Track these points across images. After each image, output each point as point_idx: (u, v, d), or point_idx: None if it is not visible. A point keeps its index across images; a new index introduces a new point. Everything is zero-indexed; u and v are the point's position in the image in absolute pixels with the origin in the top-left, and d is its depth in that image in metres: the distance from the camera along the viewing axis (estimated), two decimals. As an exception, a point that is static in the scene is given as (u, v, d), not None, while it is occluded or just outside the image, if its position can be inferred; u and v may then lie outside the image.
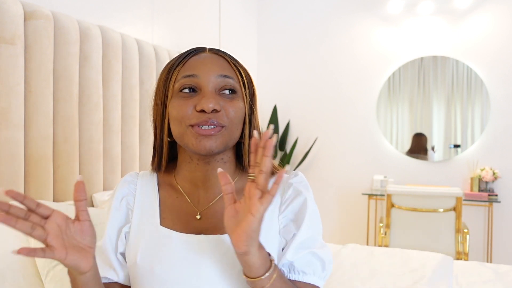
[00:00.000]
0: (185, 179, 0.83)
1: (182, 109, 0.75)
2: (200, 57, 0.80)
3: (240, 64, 0.82)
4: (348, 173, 3.73)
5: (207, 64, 0.78)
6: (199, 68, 0.77)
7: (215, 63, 0.78)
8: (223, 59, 0.80)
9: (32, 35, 1.53)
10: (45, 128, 1.58)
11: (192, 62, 0.79)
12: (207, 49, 0.82)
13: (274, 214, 0.80)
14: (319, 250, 0.78)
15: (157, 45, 2.33)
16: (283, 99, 3.91)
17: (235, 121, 0.77)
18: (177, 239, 0.77)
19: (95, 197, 1.79)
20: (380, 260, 1.78)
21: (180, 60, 0.80)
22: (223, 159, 0.81)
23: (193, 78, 0.76)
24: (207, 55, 0.80)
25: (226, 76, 0.77)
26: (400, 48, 3.54)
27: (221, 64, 0.79)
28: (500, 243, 3.31)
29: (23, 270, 1.17)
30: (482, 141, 3.36)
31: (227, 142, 0.77)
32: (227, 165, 0.82)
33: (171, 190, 0.85)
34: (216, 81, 0.77)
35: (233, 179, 0.83)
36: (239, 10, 3.60)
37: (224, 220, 0.66)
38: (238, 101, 0.78)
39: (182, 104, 0.76)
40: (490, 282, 1.56)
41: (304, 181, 0.84)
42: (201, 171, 0.81)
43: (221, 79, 0.77)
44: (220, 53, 0.81)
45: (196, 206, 0.82)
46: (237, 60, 0.83)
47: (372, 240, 3.65)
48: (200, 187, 0.82)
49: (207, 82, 0.76)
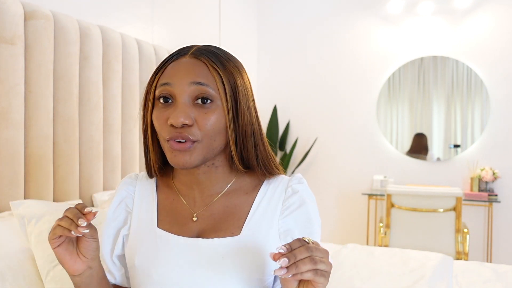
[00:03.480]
0: (181, 182, 0.83)
1: (159, 121, 0.74)
2: (178, 63, 0.75)
3: (224, 66, 0.76)
4: (348, 173, 3.73)
5: (181, 71, 0.74)
6: (174, 75, 0.74)
7: (190, 70, 0.74)
8: (202, 63, 0.75)
9: (32, 35, 1.53)
10: (45, 128, 1.58)
11: (169, 69, 0.75)
12: (190, 52, 0.77)
13: (275, 216, 0.80)
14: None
15: (157, 45, 2.33)
16: (283, 99, 3.91)
17: (210, 133, 0.73)
18: (174, 242, 0.77)
19: (95, 197, 1.79)
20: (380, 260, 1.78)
21: (162, 65, 0.77)
22: (214, 164, 0.80)
23: (167, 86, 0.74)
24: (185, 60, 0.75)
25: (200, 83, 0.72)
26: (400, 48, 3.54)
27: (197, 71, 0.74)
28: (500, 243, 3.31)
29: (23, 270, 1.17)
30: (482, 141, 3.36)
31: (204, 155, 0.74)
32: (219, 169, 0.81)
33: (168, 192, 0.85)
34: (189, 90, 0.72)
35: (228, 182, 0.82)
36: (239, 10, 3.60)
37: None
38: (215, 112, 0.73)
39: (159, 116, 0.74)
40: (490, 282, 1.56)
41: (308, 191, 0.84)
42: (193, 175, 0.80)
43: (195, 87, 0.72)
44: (201, 57, 0.75)
45: (192, 208, 0.81)
46: (223, 61, 0.76)
47: (372, 240, 3.65)
48: (195, 189, 0.82)
49: (180, 91, 0.72)
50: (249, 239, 0.76)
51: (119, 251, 0.82)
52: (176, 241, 0.77)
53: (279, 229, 0.79)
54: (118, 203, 0.85)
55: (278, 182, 0.84)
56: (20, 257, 1.20)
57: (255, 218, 0.79)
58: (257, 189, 0.83)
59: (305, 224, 0.80)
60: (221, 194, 0.82)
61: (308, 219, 0.80)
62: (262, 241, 0.77)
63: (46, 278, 1.15)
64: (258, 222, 0.79)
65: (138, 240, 0.80)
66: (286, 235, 0.79)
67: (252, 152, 0.80)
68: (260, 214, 0.79)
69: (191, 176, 0.81)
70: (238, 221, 0.79)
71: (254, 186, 0.83)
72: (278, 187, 0.83)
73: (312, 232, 0.80)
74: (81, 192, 1.79)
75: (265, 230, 0.78)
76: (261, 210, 0.80)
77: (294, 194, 0.81)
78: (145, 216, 0.82)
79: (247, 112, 0.77)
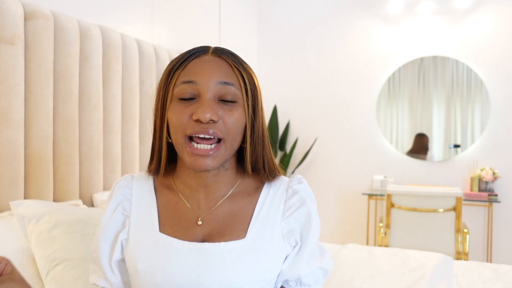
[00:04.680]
0: (184, 184, 0.81)
1: (179, 116, 0.73)
2: (201, 60, 0.75)
3: (244, 67, 0.77)
4: (348, 173, 3.73)
5: (207, 69, 0.74)
6: (199, 73, 0.73)
7: (215, 69, 0.74)
8: (226, 62, 0.76)
9: (32, 35, 1.53)
10: (45, 128, 1.58)
11: (192, 67, 0.75)
12: (211, 51, 0.77)
13: (277, 217, 0.80)
14: (324, 263, 0.80)
15: (157, 45, 2.33)
16: (283, 99, 3.91)
17: (233, 132, 0.74)
18: (179, 247, 0.75)
19: (95, 197, 1.79)
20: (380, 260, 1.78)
21: (181, 63, 0.76)
22: (224, 167, 0.79)
23: (192, 84, 0.73)
24: (208, 58, 0.76)
25: (226, 83, 0.73)
26: (400, 48, 3.54)
27: (223, 69, 0.74)
28: (500, 243, 3.31)
29: (23, 270, 1.17)
30: (482, 141, 3.36)
31: (226, 157, 0.74)
32: (228, 172, 0.81)
33: (169, 195, 0.82)
34: (215, 88, 0.73)
35: (234, 184, 0.82)
36: (239, 10, 3.60)
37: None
38: (238, 110, 0.74)
39: (179, 112, 0.73)
40: (490, 282, 1.56)
41: (308, 190, 0.83)
42: (200, 177, 0.79)
43: (221, 86, 0.73)
44: (223, 56, 0.76)
45: (196, 212, 0.79)
46: (241, 62, 0.78)
47: (372, 240, 3.65)
48: (200, 192, 0.80)
49: (206, 89, 0.72)
50: (255, 242, 0.76)
51: (119, 255, 0.80)
52: (181, 246, 0.75)
53: (282, 230, 0.79)
54: (115, 207, 0.82)
55: (279, 184, 0.84)
56: (20, 257, 1.20)
57: (259, 221, 0.79)
58: (259, 190, 0.83)
59: (306, 222, 0.80)
60: (226, 197, 0.81)
61: (309, 218, 0.80)
62: (267, 243, 0.77)
63: (46, 278, 1.14)
64: (262, 224, 0.78)
65: (139, 244, 0.77)
66: (289, 236, 0.79)
67: (260, 154, 0.80)
68: (263, 216, 0.79)
69: (199, 179, 0.79)
70: (242, 224, 0.78)
71: (256, 188, 0.83)
72: (279, 189, 0.83)
73: (311, 231, 0.80)
74: (81, 192, 1.79)
75: (269, 232, 0.78)
76: (264, 212, 0.80)
77: (295, 194, 0.81)
78: (145, 219, 0.80)
79: (261, 114, 0.79)
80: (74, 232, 1.19)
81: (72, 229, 1.20)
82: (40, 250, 1.18)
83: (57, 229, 1.19)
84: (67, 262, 1.12)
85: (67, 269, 1.11)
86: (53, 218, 1.23)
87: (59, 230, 1.19)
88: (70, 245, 1.16)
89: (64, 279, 1.11)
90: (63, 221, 1.22)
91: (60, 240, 1.17)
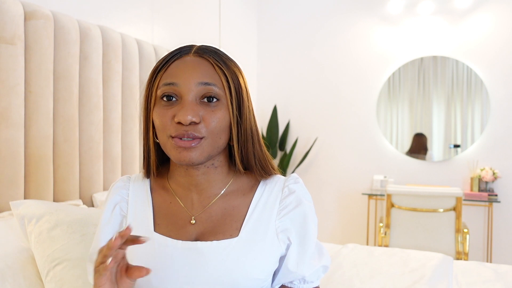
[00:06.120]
0: (178, 183, 0.82)
1: (162, 118, 0.73)
2: (183, 61, 0.75)
3: (228, 65, 0.76)
4: (348, 173, 3.73)
5: (188, 70, 0.73)
6: (180, 75, 0.73)
7: (196, 69, 0.74)
8: (208, 62, 0.75)
9: (32, 35, 1.53)
10: (45, 128, 1.58)
11: (174, 68, 0.75)
12: (193, 51, 0.77)
13: (272, 216, 0.80)
14: (324, 260, 0.84)
15: (157, 45, 2.33)
16: (283, 99, 3.91)
17: (216, 131, 0.73)
18: (173, 247, 0.76)
19: (95, 197, 1.79)
20: (380, 260, 1.78)
21: (164, 64, 0.76)
22: (214, 164, 0.80)
23: (173, 86, 0.73)
24: (190, 59, 0.75)
25: (207, 83, 0.73)
26: (400, 48, 3.54)
27: (204, 70, 0.74)
28: (500, 243, 3.31)
29: (23, 270, 1.17)
30: (482, 141, 3.36)
31: (209, 152, 0.74)
32: (219, 169, 0.81)
33: (164, 195, 0.83)
34: (197, 89, 0.73)
35: (226, 183, 0.82)
36: (239, 10, 3.60)
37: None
38: (221, 110, 0.74)
39: (162, 114, 0.73)
40: (490, 282, 1.56)
41: (305, 190, 0.84)
42: (191, 176, 0.79)
43: (202, 87, 0.73)
44: (205, 56, 0.76)
45: (190, 211, 0.80)
46: (225, 61, 0.77)
47: (372, 240, 3.65)
48: (192, 191, 0.81)
49: (187, 90, 0.72)
50: (248, 240, 0.77)
51: None
52: (175, 245, 0.76)
53: (276, 229, 0.79)
54: (113, 208, 0.83)
55: (274, 183, 0.84)
56: (20, 257, 1.20)
57: (252, 219, 0.79)
58: (254, 189, 0.83)
59: (302, 224, 0.81)
60: (219, 196, 0.81)
61: (305, 219, 0.81)
62: (260, 241, 0.77)
63: (46, 278, 1.14)
64: (256, 223, 0.79)
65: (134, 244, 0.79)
66: (283, 235, 0.79)
67: (251, 152, 0.80)
68: (257, 215, 0.80)
69: (189, 178, 0.80)
70: (236, 223, 0.79)
71: (251, 187, 0.83)
72: (275, 188, 0.83)
73: (308, 232, 0.81)
74: (81, 192, 1.79)
75: (263, 230, 0.78)
76: (258, 211, 0.80)
77: (291, 194, 0.82)
78: (140, 220, 0.81)
79: (248, 111, 0.78)
80: (74, 232, 1.19)
81: (72, 229, 1.20)
82: (40, 250, 1.18)
83: (57, 229, 1.19)
84: (67, 262, 1.12)
85: (67, 269, 1.11)
86: (53, 218, 1.23)
87: (59, 230, 1.19)
88: (70, 245, 1.16)
89: (64, 279, 1.11)
90: (63, 221, 1.22)
91: (60, 240, 1.17)
